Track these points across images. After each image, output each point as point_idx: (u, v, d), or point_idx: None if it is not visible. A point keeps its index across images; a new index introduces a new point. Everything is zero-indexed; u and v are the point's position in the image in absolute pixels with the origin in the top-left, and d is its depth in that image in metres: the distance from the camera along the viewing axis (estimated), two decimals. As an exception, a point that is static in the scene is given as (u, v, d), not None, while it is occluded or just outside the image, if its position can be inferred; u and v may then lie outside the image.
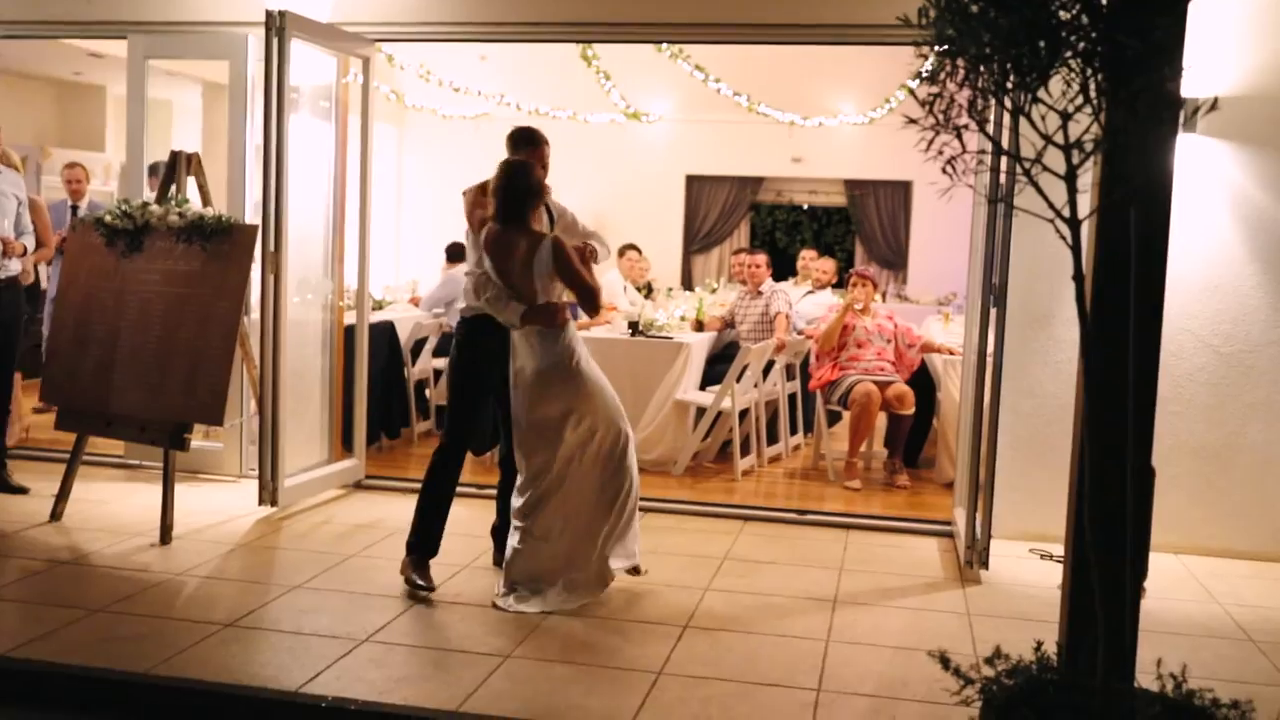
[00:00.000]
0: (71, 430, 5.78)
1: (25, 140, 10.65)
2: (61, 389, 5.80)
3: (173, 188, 5.91)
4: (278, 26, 5.75)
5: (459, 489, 4.98)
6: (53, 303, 7.44)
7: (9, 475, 6.21)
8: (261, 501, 5.89)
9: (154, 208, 5.75)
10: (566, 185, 12.81)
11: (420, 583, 4.68)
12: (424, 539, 4.81)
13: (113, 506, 5.95)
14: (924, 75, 2.50)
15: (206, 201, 6.00)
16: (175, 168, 5.94)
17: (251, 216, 6.31)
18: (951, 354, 7.07)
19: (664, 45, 9.39)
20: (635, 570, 4.86)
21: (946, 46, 2.40)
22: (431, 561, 4.85)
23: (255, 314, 6.11)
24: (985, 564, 5.15)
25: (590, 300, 4.69)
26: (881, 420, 7.36)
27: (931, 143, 2.34)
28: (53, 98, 12.68)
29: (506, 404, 4.75)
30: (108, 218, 5.78)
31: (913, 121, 2.37)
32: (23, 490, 6.12)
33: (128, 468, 6.74)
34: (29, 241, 6.41)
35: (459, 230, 8.43)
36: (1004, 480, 5.41)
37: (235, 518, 5.82)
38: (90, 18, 6.74)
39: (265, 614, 4.43)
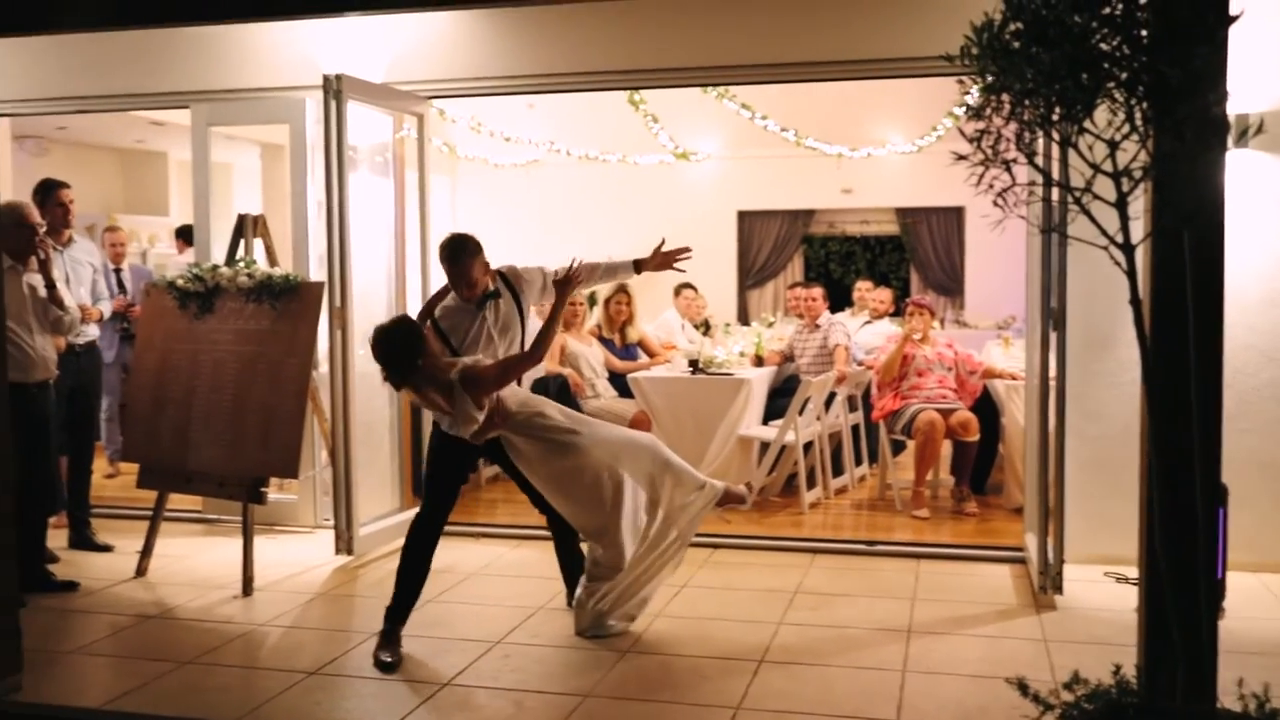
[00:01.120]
0: (153, 488, 5.95)
1: (92, 208, 10.99)
2: (142, 449, 5.98)
3: (240, 249, 6.09)
4: (335, 90, 5.93)
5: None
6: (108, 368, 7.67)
7: (93, 534, 6.40)
8: (338, 551, 6.02)
9: (224, 270, 5.93)
10: (618, 227, 13.03)
11: (385, 659, 4.47)
12: (395, 609, 4.66)
13: (194, 561, 6.10)
14: (970, 109, 2.56)
15: (273, 261, 6.18)
16: (242, 230, 6.13)
17: (316, 272, 6.48)
18: (1014, 379, 7.05)
19: (710, 87, 9.50)
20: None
21: (990, 82, 2.46)
22: (508, 603, 4.92)
23: (324, 368, 6.26)
24: (1059, 589, 5.12)
25: (526, 365, 4.63)
26: (946, 448, 7.34)
27: (981, 178, 2.40)
28: (118, 166, 13.08)
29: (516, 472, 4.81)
30: (180, 281, 5.98)
31: (962, 158, 2.43)
32: (107, 548, 6.30)
33: (206, 522, 6.90)
34: (105, 308, 6.65)
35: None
36: (1074, 504, 5.40)
37: (313, 567, 5.94)
38: (155, 89, 6.99)
39: (348, 661, 4.53)
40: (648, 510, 4.73)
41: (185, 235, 10.56)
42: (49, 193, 6.17)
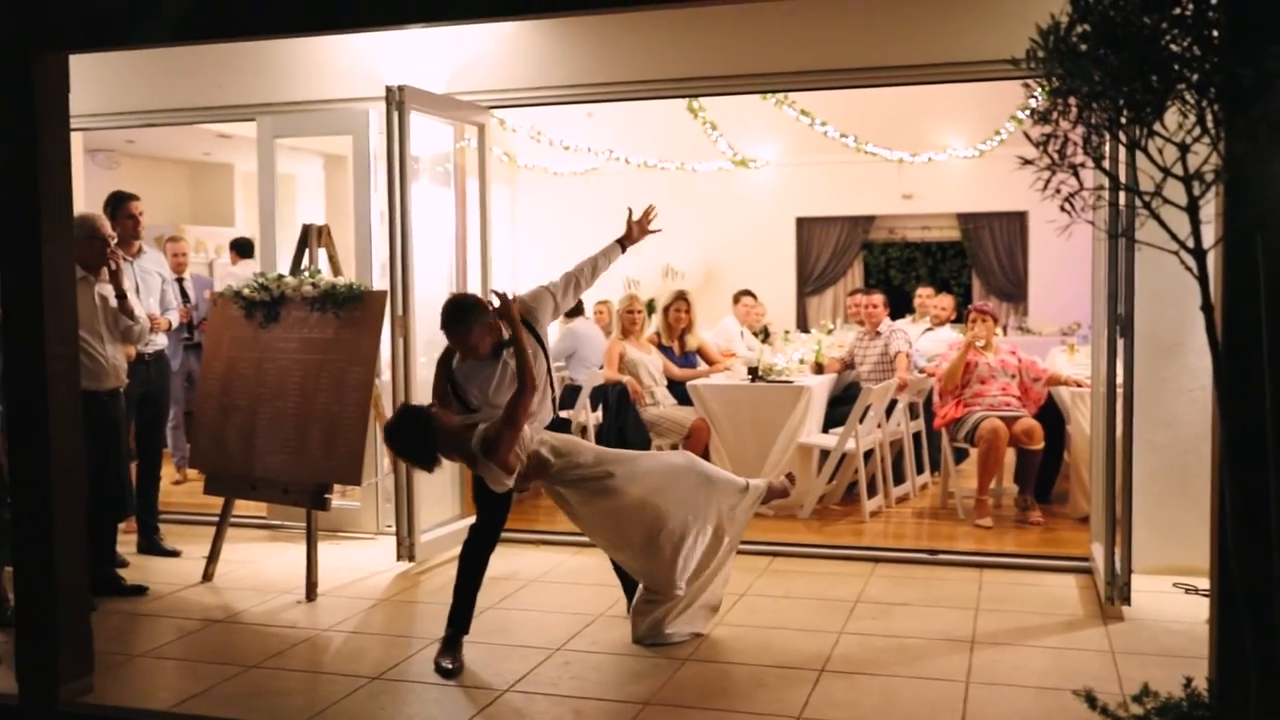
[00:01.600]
0: (219, 494, 6.04)
1: (160, 219, 11.22)
2: (209, 456, 6.08)
3: (305, 259, 6.18)
4: (397, 101, 6.00)
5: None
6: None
7: (161, 539, 6.51)
8: (399, 557, 6.07)
9: (289, 279, 6.02)
10: (677, 235, 12.98)
11: (446, 666, 4.50)
12: (456, 616, 4.69)
13: (259, 566, 6.19)
14: (1036, 113, 2.53)
15: (337, 270, 6.25)
16: (307, 240, 6.21)
17: (378, 280, 6.55)
18: (1079, 386, 6.94)
19: (769, 93, 9.48)
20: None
21: (1057, 85, 2.42)
22: (567, 610, 4.94)
23: (386, 376, 6.33)
24: (1127, 600, 5.03)
25: (527, 400, 4.47)
26: (1010, 456, 7.25)
27: (1048, 183, 2.36)
28: (185, 178, 13.34)
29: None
30: (246, 290, 6.07)
31: (1028, 162, 2.40)
32: (175, 553, 6.41)
33: (270, 528, 7.00)
34: (173, 317, 6.78)
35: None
36: (1142, 513, 5.30)
37: (375, 574, 6.00)
38: (221, 102, 7.12)
39: (409, 667, 4.56)
40: (697, 530, 4.69)
41: (239, 247, 10.76)
42: (120, 205, 6.29)
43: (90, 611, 4.44)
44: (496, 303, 4.67)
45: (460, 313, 4.61)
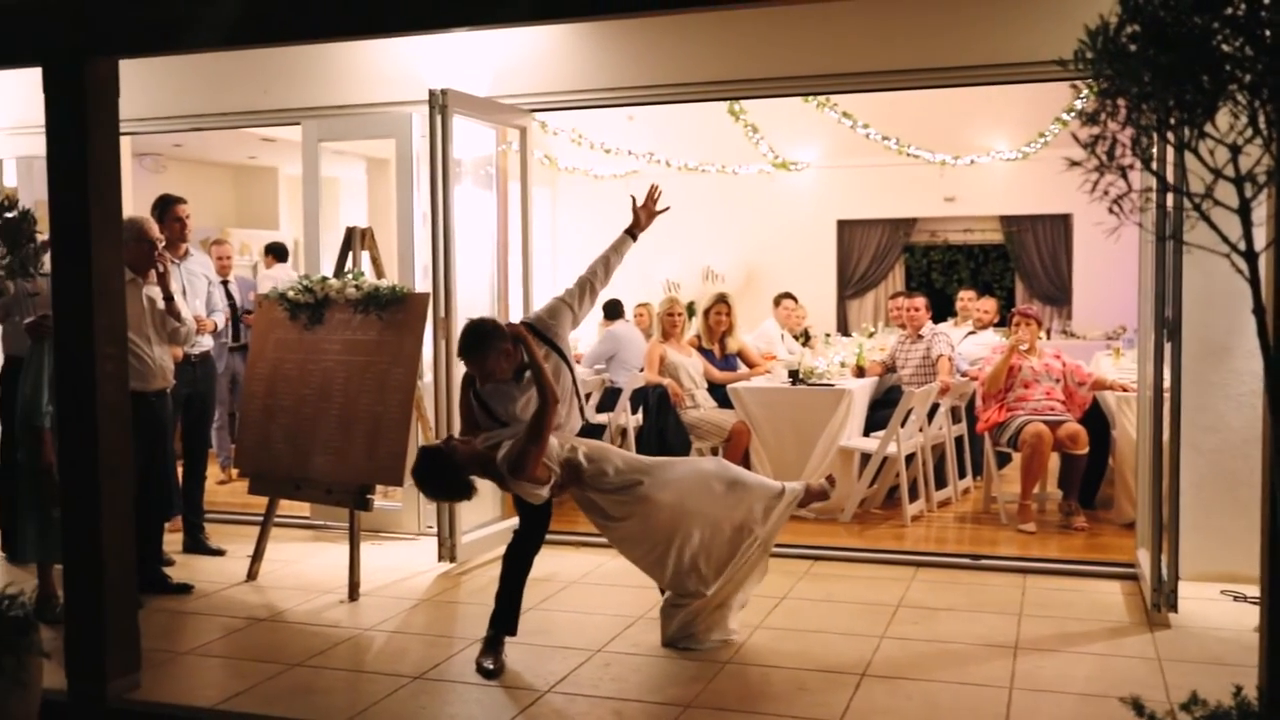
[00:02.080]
0: (264, 494, 6.11)
1: (206, 222, 11.36)
2: (254, 457, 6.14)
3: (349, 261, 6.23)
4: (440, 104, 6.04)
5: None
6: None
7: (206, 538, 6.59)
8: (441, 558, 6.11)
9: (333, 281, 6.07)
10: (717, 237, 13.03)
11: (487, 666, 4.52)
12: (499, 617, 4.69)
13: (302, 565, 6.25)
14: (1083, 114, 2.50)
15: (380, 273, 6.30)
16: (351, 242, 6.26)
17: (420, 283, 6.59)
18: (1125, 390, 6.86)
19: (810, 96, 9.45)
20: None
21: (1106, 86, 2.40)
22: (608, 612, 4.94)
23: (428, 377, 6.36)
24: (1174, 607, 4.96)
25: (549, 414, 4.44)
26: (1054, 461, 7.18)
27: (1096, 184, 2.34)
28: (230, 181, 13.50)
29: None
30: (290, 293, 6.13)
31: (1075, 164, 2.38)
32: (220, 552, 6.48)
33: (313, 528, 7.06)
34: (219, 319, 6.86)
35: (614, 288, 8.63)
36: (1189, 519, 5.24)
37: (416, 574, 6.04)
38: (267, 106, 7.19)
39: (451, 667, 4.59)
40: (726, 534, 4.68)
41: (274, 250, 10.88)
42: (167, 208, 6.37)
43: (138, 609, 4.49)
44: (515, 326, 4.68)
45: (477, 339, 4.56)
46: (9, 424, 5.82)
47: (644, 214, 5.09)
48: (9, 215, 3.83)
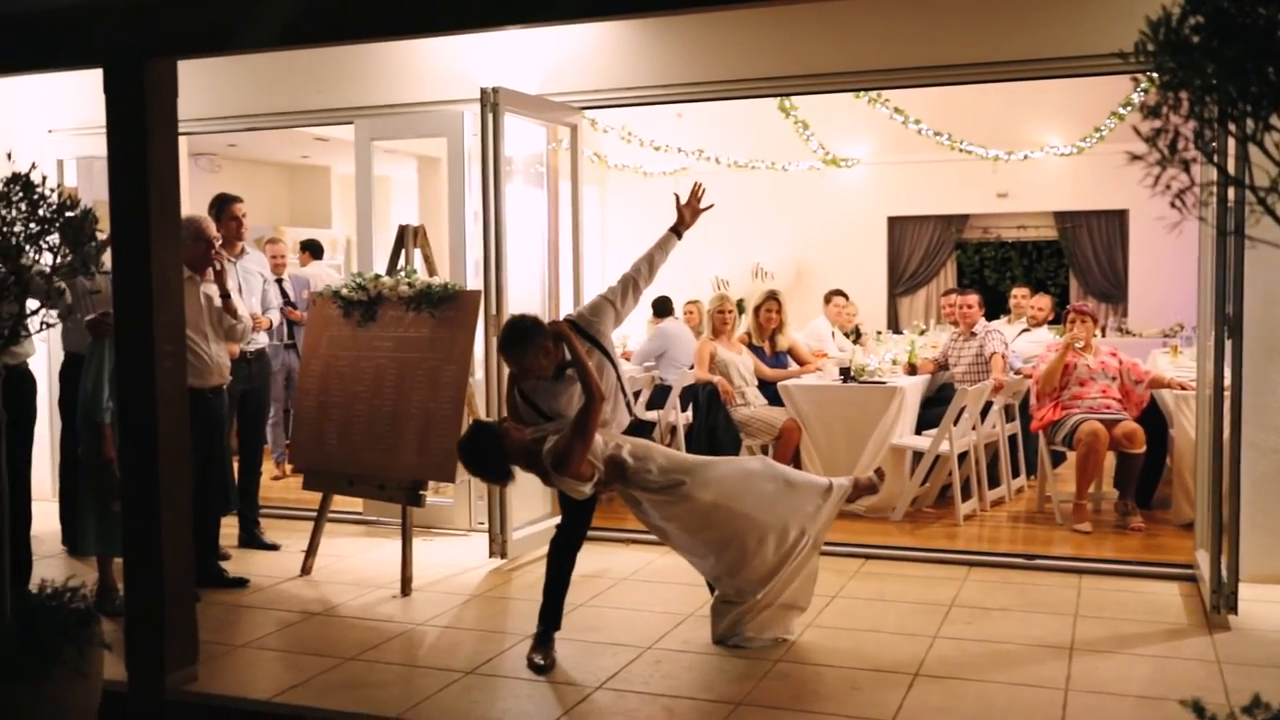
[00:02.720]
0: (318, 490, 6.17)
1: (260, 221, 11.49)
2: (308, 452, 6.21)
3: (401, 259, 6.28)
4: (492, 102, 6.06)
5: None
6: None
7: (261, 533, 6.67)
8: (492, 554, 6.14)
9: (385, 279, 6.12)
10: (766, 234, 12.99)
11: (538, 662, 4.55)
12: (546, 613, 4.71)
13: (355, 560, 6.31)
14: (1144, 107, 2.46)
15: (432, 271, 6.34)
16: (403, 240, 6.31)
17: (472, 280, 6.63)
18: (1183, 389, 6.75)
19: (862, 92, 9.40)
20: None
21: (1168, 79, 2.36)
22: (658, 609, 4.94)
23: (479, 374, 6.39)
24: (1234, 609, 4.88)
25: (595, 411, 4.42)
26: (1110, 460, 7.09)
27: (1158, 179, 2.30)
28: (284, 180, 13.66)
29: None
30: (344, 290, 6.19)
31: (1137, 158, 2.34)
32: (275, 547, 6.56)
33: (366, 524, 7.13)
34: (274, 316, 6.94)
35: (664, 285, 8.61)
36: (1249, 519, 5.15)
37: (468, 570, 6.07)
38: (320, 106, 7.26)
39: (502, 662, 4.61)
40: (773, 534, 4.66)
41: (310, 248, 11.01)
42: (223, 206, 6.45)
43: (195, 602, 4.56)
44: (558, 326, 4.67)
45: (517, 336, 4.55)
46: (70, 419, 5.93)
47: (688, 212, 5.08)
48: (70, 214, 3.88)
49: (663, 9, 5.12)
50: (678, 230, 5.04)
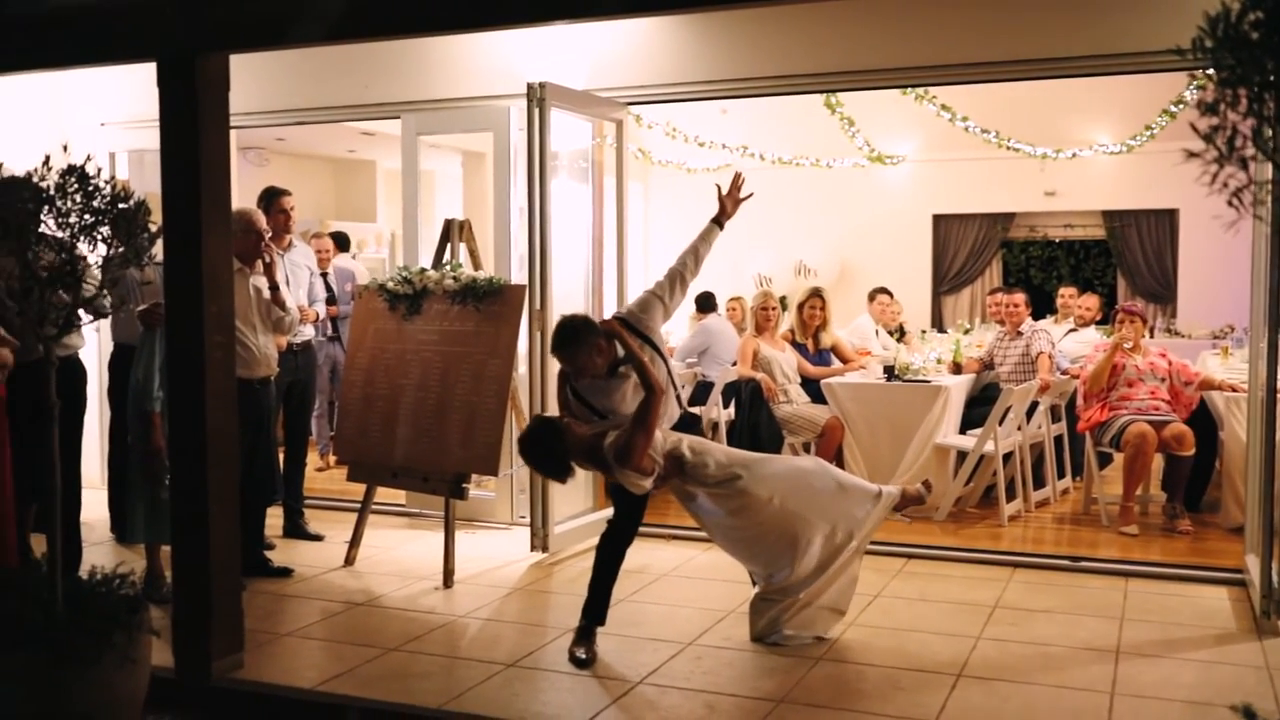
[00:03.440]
0: (362, 482, 6.22)
1: (306, 214, 11.57)
2: (353, 444, 6.26)
3: (447, 253, 6.31)
4: (538, 97, 6.08)
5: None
6: None
7: (305, 523, 6.73)
8: (533, 548, 6.16)
9: (431, 273, 6.16)
10: (810, 231, 12.92)
11: (580, 656, 4.56)
12: (591, 607, 4.72)
13: (398, 552, 6.35)
14: (1201, 104, 2.42)
15: (477, 265, 6.37)
16: (449, 234, 6.34)
17: (516, 275, 6.65)
18: (1234, 390, 6.65)
19: (909, 88, 9.33)
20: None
21: (1226, 76, 2.32)
22: (699, 605, 4.94)
23: (523, 368, 6.42)
24: (1284, 614, 4.81)
25: (655, 405, 4.43)
26: (1158, 462, 7.00)
27: (1215, 177, 2.27)
28: (330, 174, 13.76)
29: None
30: (390, 284, 6.23)
31: (1194, 155, 2.31)
32: (318, 537, 6.62)
33: (409, 516, 7.17)
34: (320, 309, 7.00)
35: (707, 281, 8.58)
36: (1301, 524, 5.06)
37: (509, 563, 6.10)
38: (367, 101, 7.31)
39: (543, 655, 4.63)
40: (821, 534, 4.66)
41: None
42: (272, 200, 6.51)
43: (241, 591, 4.61)
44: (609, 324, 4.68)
45: (570, 336, 4.55)
46: (119, 409, 6.01)
47: (729, 202, 5.09)
48: (123, 206, 3.94)
49: (708, 5, 5.11)
50: (719, 221, 5.04)
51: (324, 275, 8.70)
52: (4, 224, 3.79)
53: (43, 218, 3.82)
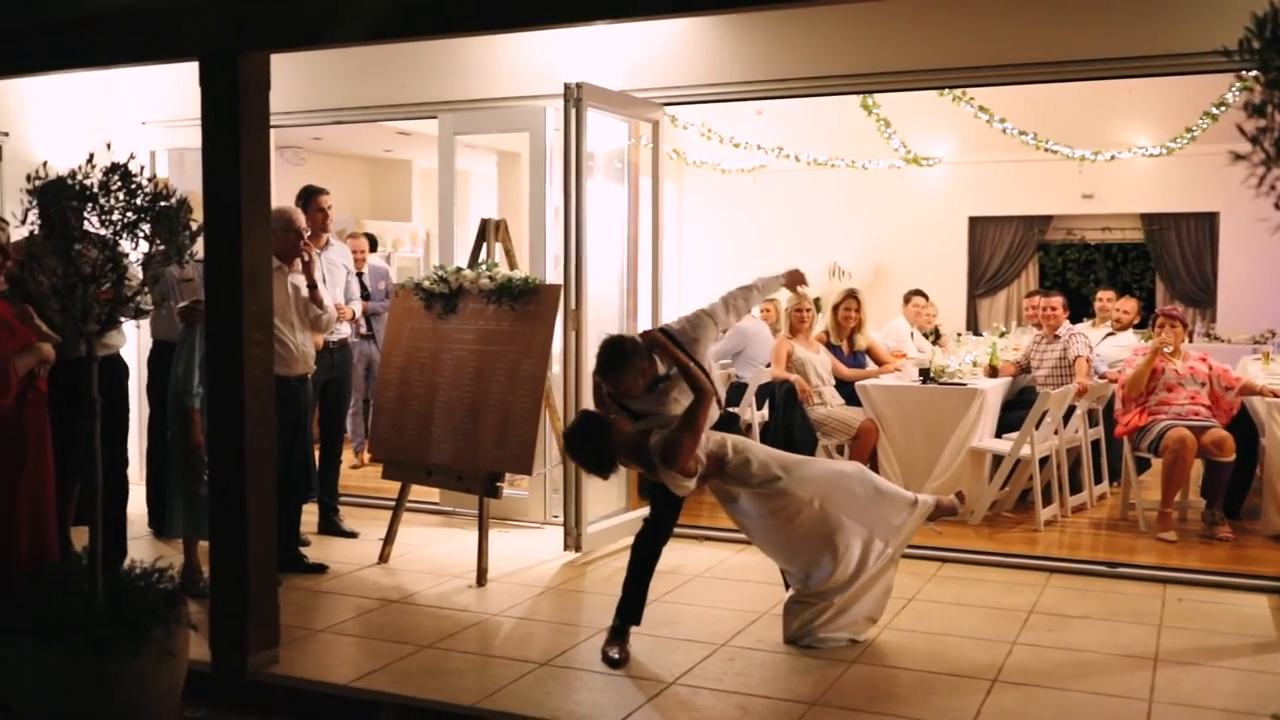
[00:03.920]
0: (397, 480, 6.25)
1: (342, 214, 11.63)
2: (388, 443, 6.29)
3: (483, 252, 6.33)
4: (575, 98, 6.09)
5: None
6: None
7: (340, 520, 6.77)
8: (566, 547, 6.17)
9: (467, 272, 6.18)
10: (844, 232, 12.87)
11: (613, 656, 4.56)
12: (625, 607, 4.72)
13: (431, 550, 6.38)
14: (1249, 106, 2.40)
15: (512, 264, 6.39)
16: (484, 234, 6.36)
17: (551, 274, 6.66)
18: (1275, 396, 6.57)
19: (947, 89, 9.27)
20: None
21: (1274, 77, 2.30)
22: (732, 606, 4.93)
23: (556, 368, 6.43)
24: (1326, 623, 4.75)
25: (704, 408, 4.44)
26: (1197, 468, 6.92)
27: (1263, 179, 2.24)
28: (366, 174, 13.83)
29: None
30: (426, 283, 6.26)
31: (1240, 157, 2.28)
32: (353, 535, 6.66)
33: (442, 514, 7.20)
34: (356, 308, 7.03)
35: (737, 281, 8.55)
36: (1344, 532, 5.00)
37: (542, 562, 6.11)
38: (405, 100, 7.34)
39: (576, 655, 4.63)
40: (859, 539, 4.65)
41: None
42: (310, 198, 6.55)
43: (277, 586, 4.64)
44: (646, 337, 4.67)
45: (619, 359, 4.52)
46: (159, 405, 6.07)
47: (792, 287, 5.19)
48: (164, 204, 3.98)
49: (751, 5, 5.09)
50: (788, 284, 5.13)
51: (360, 275, 8.74)
52: (49, 222, 3.84)
53: (86, 215, 3.86)
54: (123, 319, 4.08)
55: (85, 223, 3.87)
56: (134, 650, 3.67)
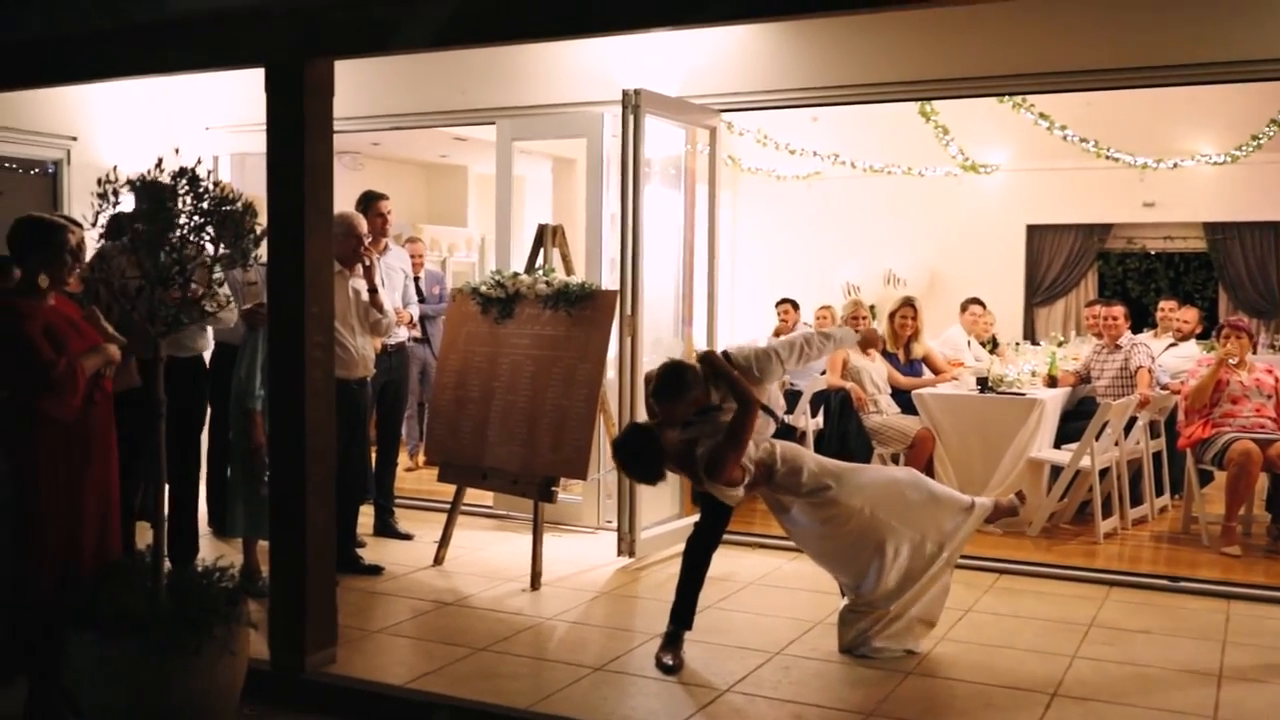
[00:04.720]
0: (452, 483, 6.29)
1: (399, 218, 11.73)
2: (443, 446, 6.33)
3: (540, 258, 6.36)
4: (634, 104, 6.10)
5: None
6: None
7: (396, 522, 6.83)
8: (620, 552, 6.18)
9: (524, 277, 6.21)
10: (899, 240, 12.78)
11: (667, 662, 4.56)
12: (678, 612, 4.72)
13: (486, 553, 6.41)
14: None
15: (569, 270, 6.41)
16: (542, 239, 6.39)
17: (607, 279, 6.67)
18: (1343, 409, 6.43)
19: (1006, 96, 9.17)
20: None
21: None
22: (786, 614, 4.91)
23: (611, 373, 6.44)
24: (1397, 642, 4.63)
25: (750, 419, 4.44)
26: (1262, 482, 6.78)
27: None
28: (422, 179, 13.95)
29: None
30: (483, 288, 6.30)
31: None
32: (408, 537, 6.71)
33: (496, 517, 7.24)
34: (414, 311, 7.09)
35: (791, 288, 8.52)
36: None
37: (596, 567, 6.12)
38: (463, 106, 7.40)
39: (630, 660, 4.64)
40: (912, 546, 4.61)
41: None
42: (370, 203, 6.61)
43: (334, 587, 4.68)
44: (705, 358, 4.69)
45: (676, 387, 4.56)
46: (221, 406, 6.15)
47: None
48: (229, 208, 4.03)
49: (819, 10, 5.05)
50: (863, 348, 5.12)
51: (417, 279, 8.79)
52: (141, 219, 3.91)
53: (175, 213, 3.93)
54: (203, 323, 4.13)
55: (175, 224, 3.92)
56: (196, 648, 3.73)
